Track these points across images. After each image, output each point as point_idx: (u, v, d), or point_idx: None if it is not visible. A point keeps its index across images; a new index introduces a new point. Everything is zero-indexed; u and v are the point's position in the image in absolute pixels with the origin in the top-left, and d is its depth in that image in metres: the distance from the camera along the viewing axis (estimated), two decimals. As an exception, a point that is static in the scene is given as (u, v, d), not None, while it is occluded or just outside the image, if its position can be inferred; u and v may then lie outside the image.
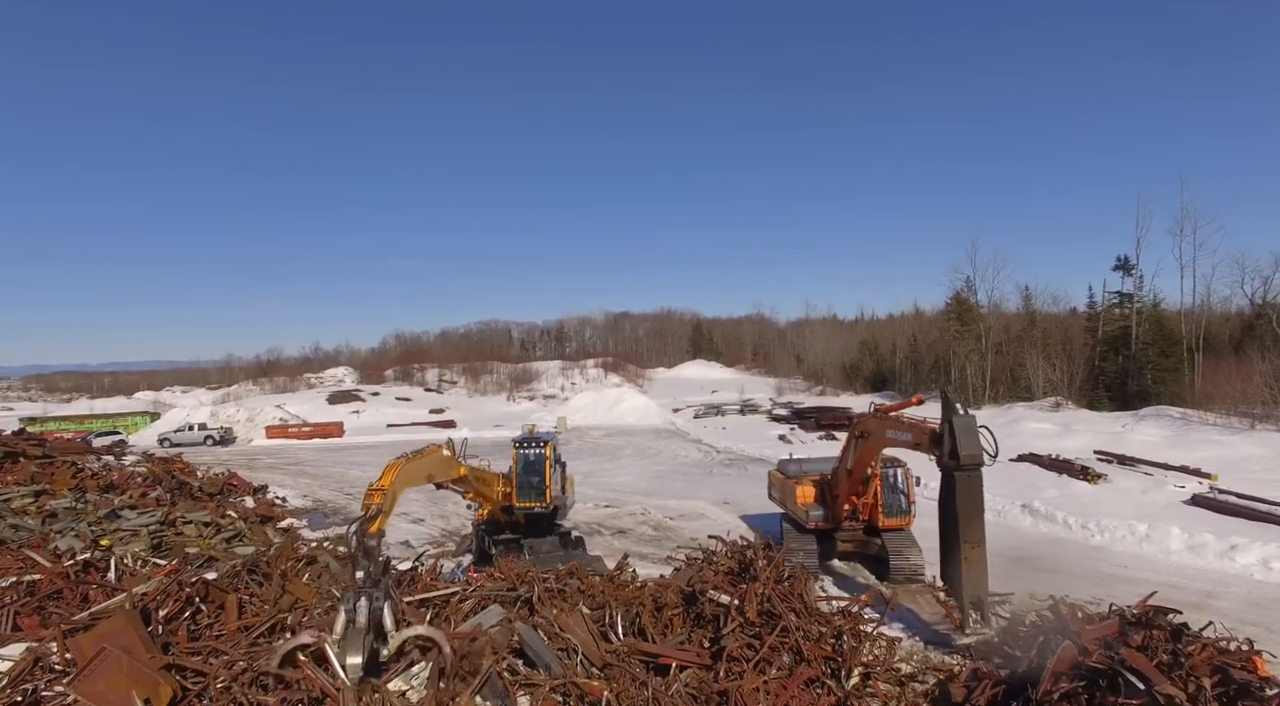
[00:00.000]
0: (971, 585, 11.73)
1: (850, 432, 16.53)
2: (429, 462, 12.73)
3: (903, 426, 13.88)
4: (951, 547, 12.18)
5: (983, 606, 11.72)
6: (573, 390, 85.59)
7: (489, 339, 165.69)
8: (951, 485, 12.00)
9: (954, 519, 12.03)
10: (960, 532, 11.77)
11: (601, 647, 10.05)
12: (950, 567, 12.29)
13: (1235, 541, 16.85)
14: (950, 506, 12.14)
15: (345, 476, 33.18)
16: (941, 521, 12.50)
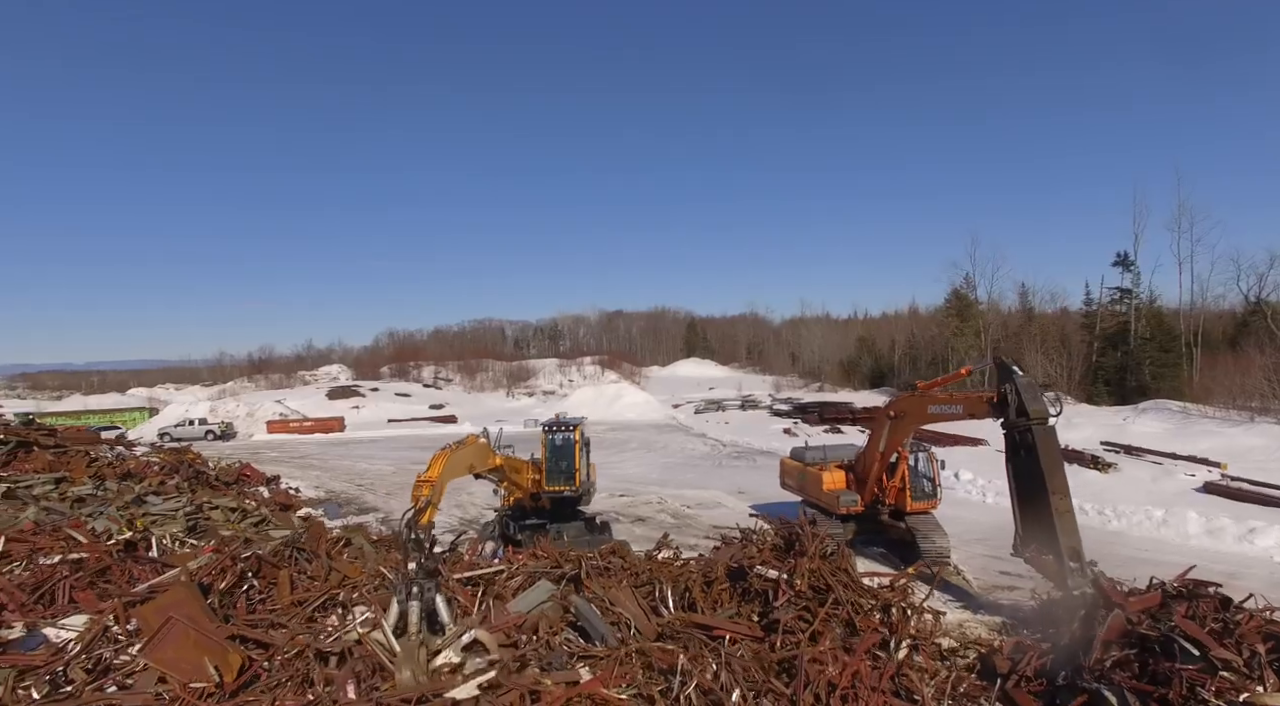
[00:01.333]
0: (1066, 536, 11.78)
1: (883, 415, 16.76)
2: (470, 453, 12.89)
3: (954, 399, 14.17)
4: (1033, 506, 12.28)
5: (1081, 556, 11.71)
6: (570, 387, 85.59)
7: (483, 337, 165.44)
8: (1027, 442, 12.19)
9: (1030, 478, 12.21)
10: (1048, 485, 11.89)
11: (653, 621, 10.18)
12: (1035, 527, 12.30)
13: (1253, 525, 17.15)
14: (1025, 466, 12.31)
15: (353, 469, 33.10)
16: (1016, 484, 12.66)
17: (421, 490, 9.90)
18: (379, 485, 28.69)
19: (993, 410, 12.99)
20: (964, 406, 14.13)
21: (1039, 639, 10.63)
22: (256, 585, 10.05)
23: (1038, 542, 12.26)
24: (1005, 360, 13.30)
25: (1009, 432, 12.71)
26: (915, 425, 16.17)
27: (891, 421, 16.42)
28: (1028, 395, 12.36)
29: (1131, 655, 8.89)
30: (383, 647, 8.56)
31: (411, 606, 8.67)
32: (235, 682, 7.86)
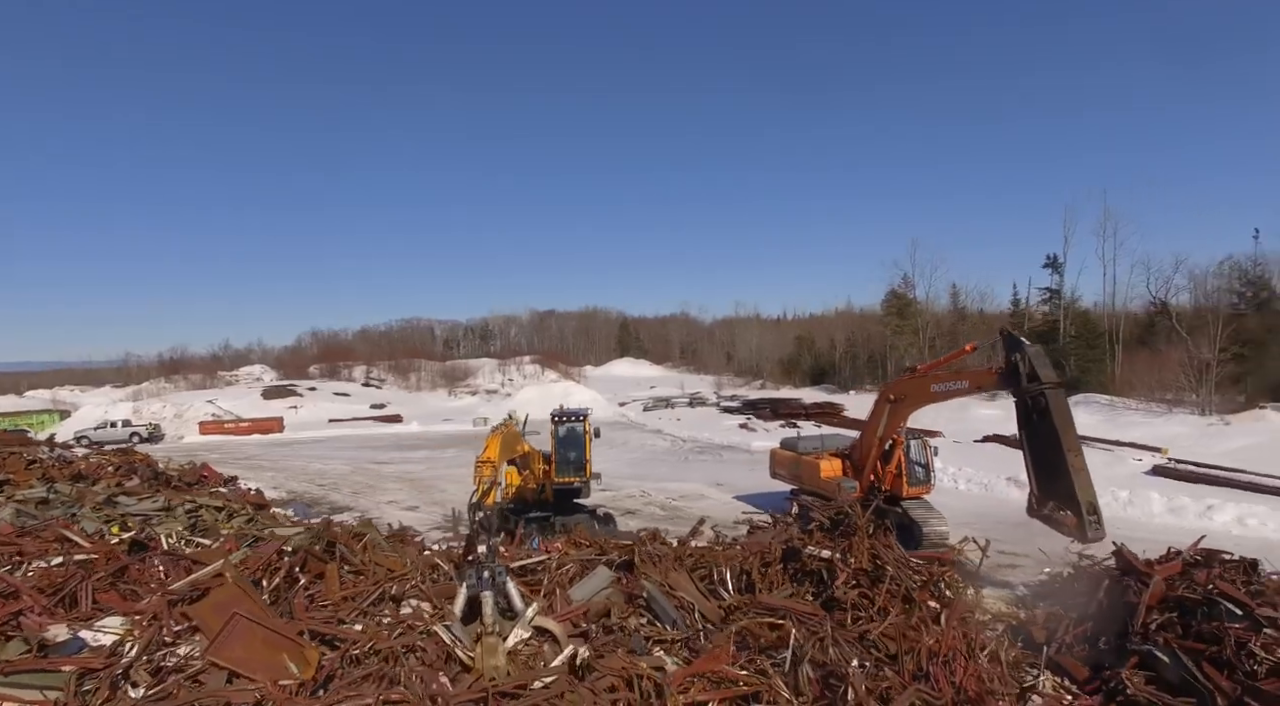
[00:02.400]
0: (1084, 491, 12.43)
1: (882, 399, 17.18)
2: (514, 435, 12.61)
3: (959, 376, 14.74)
4: (1048, 466, 12.96)
5: (1097, 510, 12.46)
6: (511, 386, 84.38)
7: (411, 337, 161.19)
8: (1040, 406, 12.82)
9: (1044, 440, 12.91)
10: (1063, 445, 12.52)
11: (715, 603, 10.17)
12: (1051, 485, 12.97)
13: (1210, 502, 18.50)
14: (1039, 430, 12.97)
15: (307, 469, 31.66)
16: (1029, 446, 13.36)
17: (483, 471, 9.67)
18: (341, 484, 27.57)
19: (1000, 381, 13.75)
20: (970, 381, 14.82)
21: (1066, 609, 11.16)
22: (303, 580, 9.49)
23: (1055, 500, 12.92)
24: (1012, 332, 13.98)
25: (1021, 400, 13.29)
26: (915, 407, 16.71)
27: (891, 405, 16.89)
28: (1039, 362, 13.06)
29: (1174, 618, 9.47)
30: (457, 639, 8.24)
31: (485, 595, 8.38)
32: (315, 680, 7.43)
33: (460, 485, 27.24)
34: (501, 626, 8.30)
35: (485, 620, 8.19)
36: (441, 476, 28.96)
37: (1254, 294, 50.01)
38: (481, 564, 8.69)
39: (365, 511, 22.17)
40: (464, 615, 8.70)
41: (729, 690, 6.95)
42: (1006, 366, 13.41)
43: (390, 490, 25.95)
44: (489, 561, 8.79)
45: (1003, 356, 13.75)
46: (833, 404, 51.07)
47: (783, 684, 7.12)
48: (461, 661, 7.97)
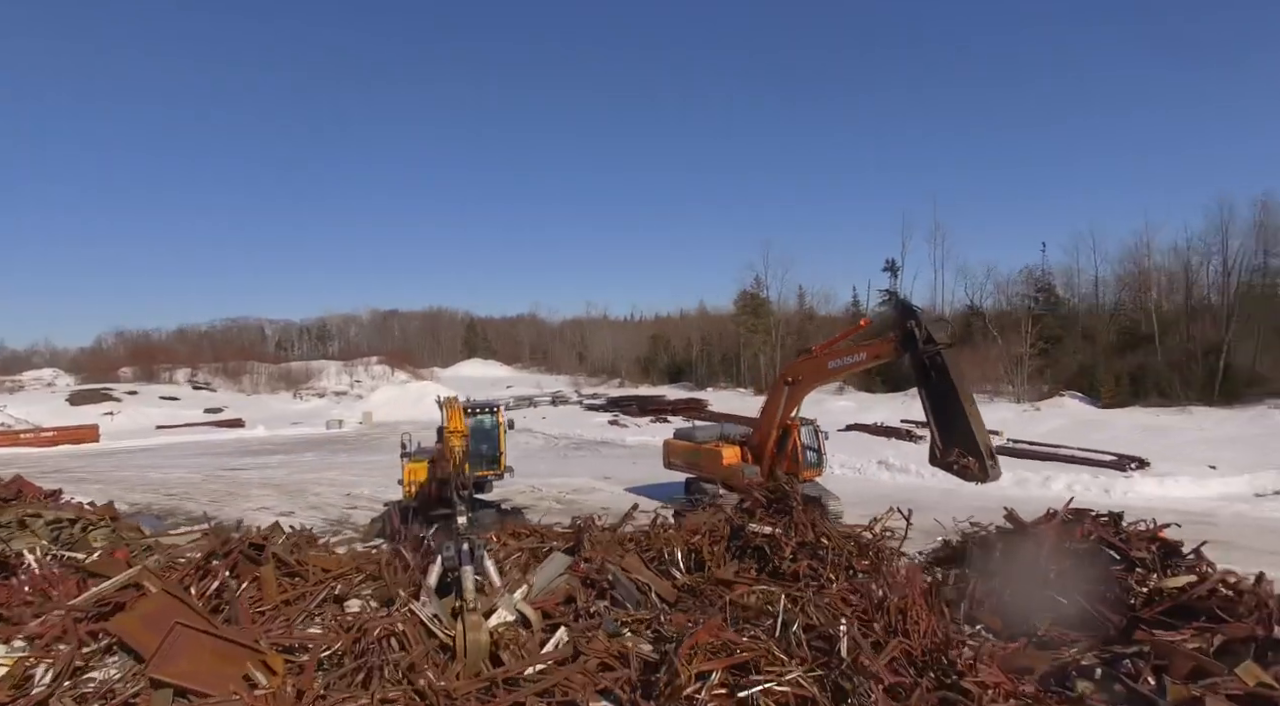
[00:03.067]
0: (981, 436, 13.62)
1: (779, 382, 17.95)
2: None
3: (855, 349, 15.74)
4: (948, 417, 14.05)
5: (993, 452, 13.75)
6: (359, 387, 79.72)
7: (239, 337, 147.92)
8: (938, 364, 13.93)
9: (942, 395, 14.03)
10: (960, 396, 13.70)
11: (669, 583, 10.31)
12: (952, 434, 14.04)
13: (1047, 475, 21.23)
14: (937, 386, 14.07)
15: (144, 480, 28.11)
16: (929, 401, 14.37)
17: (454, 441, 9.29)
18: (195, 493, 24.78)
19: (898, 348, 14.69)
20: (867, 353, 15.78)
21: (968, 571, 12.37)
22: (232, 585, 8.54)
23: (958, 447, 14.04)
24: (906, 301, 15.22)
25: (919, 360, 14.32)
26: (813, 386, 17.57)
27: (790, 387, 17.69)
28: (933, 326, 14.26)
29: (1069, 566, 10.81)
30: (436, 617, 7.83)
31: (465, 570, 8.02)
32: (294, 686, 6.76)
33: (333, 488, 25.44)
34: (481, 603, 7.96)
35: (466, 596, 7.84)
36: (309, 480, 26.87)
37: (1046, 297, 57.88)
38: (460, 536, 8.29)
39: (233, 519, 20.11)
40: (437, 591, 8.30)
41: (731, 657, 7.10)
42: (903, 332, 14.41)
43: (256, 497, 23.71)
44: (468, 533, 8.41)
45: (898, 325, 14.73)
46: (697, 399, 52.89)
47: (776, 648, 7.37)
48: (440, 641, 7.57)
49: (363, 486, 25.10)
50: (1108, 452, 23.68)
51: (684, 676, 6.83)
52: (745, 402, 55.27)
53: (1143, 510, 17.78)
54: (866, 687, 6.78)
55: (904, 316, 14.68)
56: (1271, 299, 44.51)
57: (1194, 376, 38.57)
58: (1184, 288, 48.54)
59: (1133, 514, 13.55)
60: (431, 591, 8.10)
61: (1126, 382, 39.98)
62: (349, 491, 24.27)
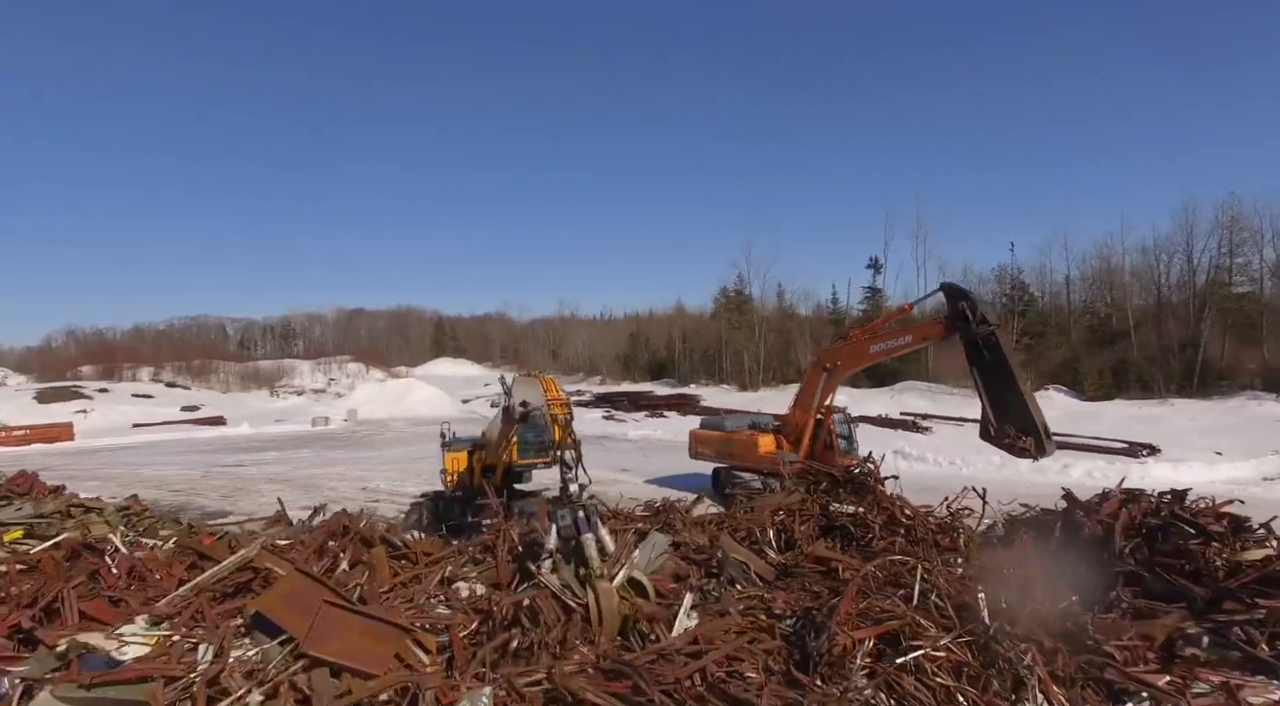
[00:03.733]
0: (1038, 413, 14.08)
1: (816, 368, 18.09)
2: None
3: (902, 332, 16.03)
4: (1002, 395, 14.44)
5: (1049, 428, 14.19)
6: (335, 385, 78.20)
7: (198, 336, 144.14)
8: (990, 344, 14.33)
9: (996, 373, 14.43)
10: (1014, 374, 14.13)
11: (765, 561, 10.33)
12: (1006, 411, 14.43)
13: (1065, 462, 21.72)
14: (990, 365, 14.45)
15: (138, 476, 27.14)
16: (983, 380, 14.72)
17: (557, 410, 9.18)
18: (202, 489, 24.05)
19: (947, 329, 15.11)
20: (914, 335, 16.21)
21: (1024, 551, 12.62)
22: (347, 569, 8.32)
23: (1011, 424, 14.45)
24: (955, 285, 15.51)
25: (973, 341, 14.69)
26: (851, 371, 17.88)
27: (827, 372, 17.88)
28: (985, 308, 14.76)
29: (1141, 542, 11.11)
30: (567, 587, 7.72)
31: (587, 538, 7.94)
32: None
33: (345, 482, 24.91)
34: (604, 570, 7.87)
35: (593, 563, 7.75)
36: (317, 475, 26.26)
37: (1021, 295, 59.39)
38: (574, 504, 8.19)
39: (255, 512, 19.56)
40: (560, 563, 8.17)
41: (881, 626, 7.15)
42: (953, 314, 14.77)
43: (268, 492, 23.01)
44: (580, 500, 8.31)
45: (949, 308, 15.09)
46: (688, 395, 53.07)
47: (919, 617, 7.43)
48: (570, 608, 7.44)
49: (376, 480, 24.66)
50: (1118, 440, 24.40)
51: (843, 644, 6.86)
52: (733, 398, 55.66)
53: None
54: (1018, 651, 6.88)
55: (955, 298, 14.96)
56: (1239, 296, 46.34)
57: (1173, 370, 39.96)
58: (1155, 286, 50.23)
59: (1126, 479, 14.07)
60: (558, 560, 7.99)
61: (1109, 376, 41.25)
62: (364, 486, 23.84)
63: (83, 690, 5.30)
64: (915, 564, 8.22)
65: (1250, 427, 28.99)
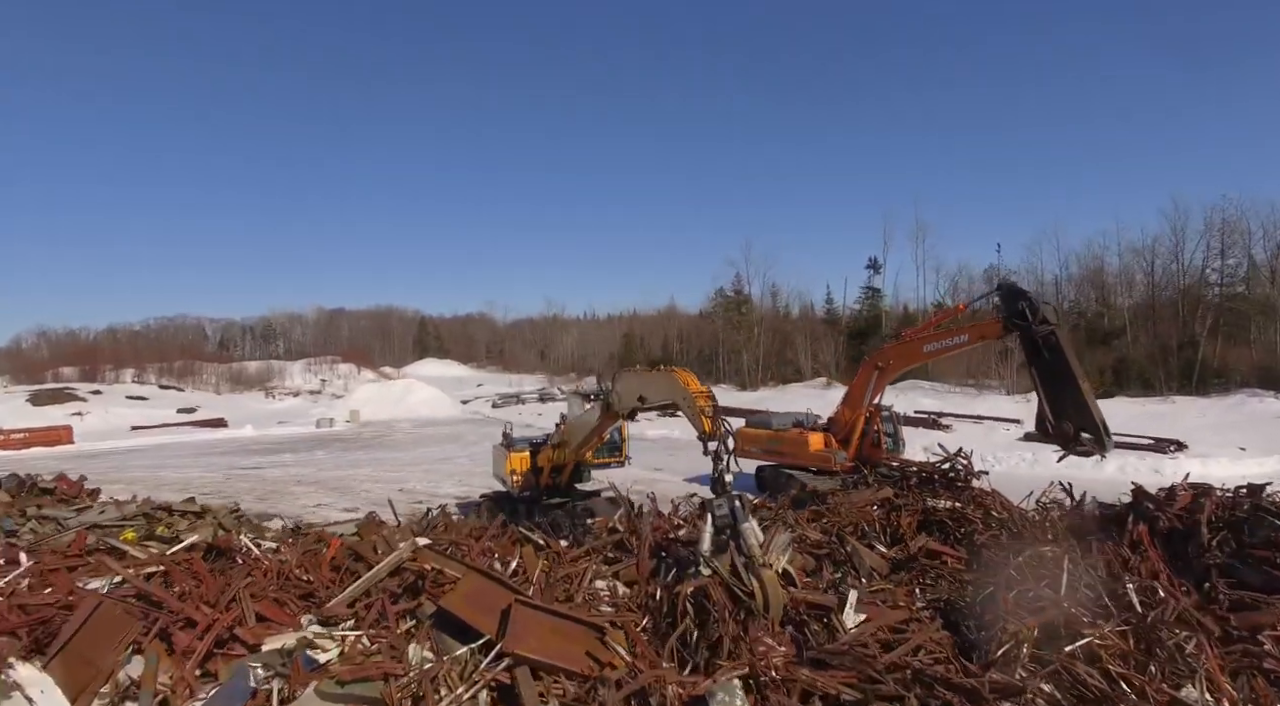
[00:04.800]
0: (1097, 411, 13.97)
1: (869, 366, 18.31)
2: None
3: (958, 331, 16.10)
4: (1061, 393, 14.37)
5: (1108, 427, 14.09)
6: (331, 386, 77.34)
7: (178, 336, 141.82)
8: (1050, 343, 14.24)
9: (1055, 371, 14.33)
10: (1077, 375, 14.06)
11: (878, 555, 10.52)
12: (1065, 408, 14.35)
13: (1097, 456, 22.19)
14: (1049, 363, 14.39)
15: (162, 479, 26.62)
16: (1043, 378, 14.64)
17: (701, 402, 9.21)
18: (232, 491, 23.70)
19: (1005, 328, 15.07)
20: (970, 334, 16.18)
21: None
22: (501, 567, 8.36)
23: (1070, 421, 14.40)
24: (1013, 283, 15.56)
25: (1031, 339, 14.59)
26: (902, 369, 18.06)
27: (879, 371, 18.10)
28: (1045, 307, 14.63)
29: (1228, 534, 11.46)
30: (736, 577, 7.82)
31: (746, 526, 8.05)
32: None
33: (379, 484, 24.66)
34: (765, 558, 7.98)
35: (754, 551, 7.84)
36: (345, 477, 26.02)
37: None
38: (730, 494, 8.28)
39: (299, 515, 19.40)
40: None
41: (1044, 616, 7.35)
42: (1010, 313, 14.78)
43: (303, 494, 22.85)
44: (730, 490, 8.39)
45: (1006, 307, 15.03)
46: (693, 395, 53.03)
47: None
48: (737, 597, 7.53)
49: (410, 482, 24.53)
50: (1145, 436, 25.00)
51: (1011, 633, 7.06)
52: (736, 398, 55.87)
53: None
54: (1180, 640, 7.12)
55: (1014, 298, 15.04)
56: (1229, 296, 47.58)
57: (1173, 368, 41.00)
58: (1148, 286, 51.41)
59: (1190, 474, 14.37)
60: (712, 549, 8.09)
61: (1110, 375, 42.19)
62: (400, 487, 23.65)
63: (339, 686, 5.32)
64: (1062, 554, 8.42)
65: (1258, 424, 29.80)
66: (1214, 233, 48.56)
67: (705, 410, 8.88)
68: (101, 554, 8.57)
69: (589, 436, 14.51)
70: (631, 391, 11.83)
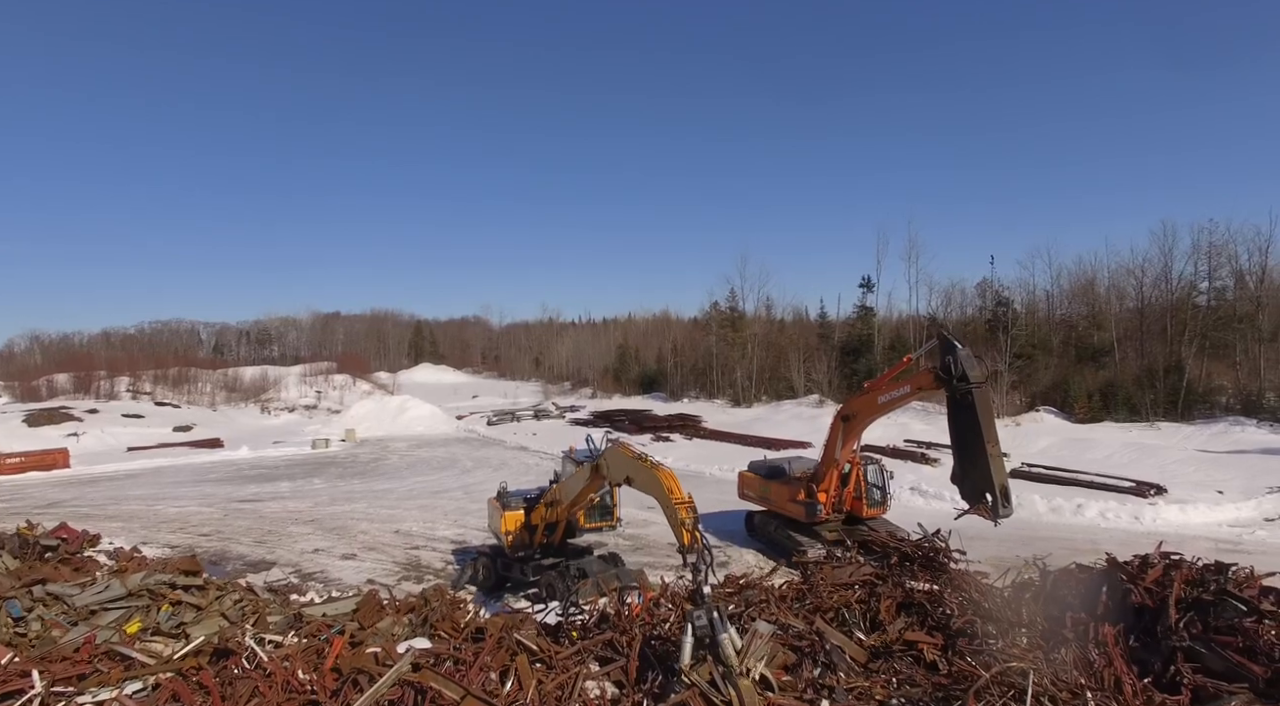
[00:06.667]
0: (998, 476, 13.82)
1: (836, 420, 18.53)
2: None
3: (900, 384, 16.27)
4: (969, 454, 14.33)
5: (1009, 494, 14.01)
6: (326, 399, 77.48)
7: (173, 341, 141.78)
8: (968, 402, 14.15)
9: (970, 430, 14.19)
10: (984, 436, 13.86)
11: (855, 643, 10.93)
12: (974, 470, 14.27)
13: (1079, 501, 22.72)
14: (967, 420, 14.24)
15: (159, 514, 26.99)
16: (956, 436, 14.65)
17: (683, 513, 9.63)
18: (231, 531, 24.02)
19: (936, 381, 14.89)
20: (911, 386, 16.09)
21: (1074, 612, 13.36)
22: (495, 678, 8.74)
23: (973, 482, 14.36)
24: (948, 336, 15.42)
25: (951, 396, 14.59)
26: (867, 421, 18.07)
27: (845, 424, 18.33)
28: (968, 364, 14.39)
29: (1194, 615, 11.91)
30: (714, 687, 8.25)
31: (724, 637, 8.48)
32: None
33: (375, 524, 24.86)
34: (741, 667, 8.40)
35: (731, 662, 8.27)
36: (342, 514, 26.32)
37: (1005, 311, 60.94)
38: (708, 604, 8.72)
39: (300, 565, 19.77)
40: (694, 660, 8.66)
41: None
42: (941, 367, 14.65)
43: (299, 536, 23.14)
44: (710, 602, 8.82)
45: (939, 358, 14.92)
46: (688, 415, 53.53)
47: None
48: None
49: (406, 522, 24.77)
50: (1125, 478, 25.49)
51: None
52: (731, 417, 56.38)
53: (1173, 537, 19.42)
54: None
55: (944, 352, 14.80)
56: (1215, 319, 48.09)
57: (1159, 394, 41.55)
58: (1138, 306, 51.98)
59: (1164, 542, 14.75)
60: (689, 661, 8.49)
61: (1098, 399, 42.72)
62: (396, 528, 23.95)
63: None
64: (1027, 668, 8.84)
65: (1240, 459, 30.22)
66: (1201, 254, 49.31)
67: (685, 523, 9.28)
68: (110, 663, 8.90)
69: (579, 496, 14.93)
70: (620, 469, 12.24)
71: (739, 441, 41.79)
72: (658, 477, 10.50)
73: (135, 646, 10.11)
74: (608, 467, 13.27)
